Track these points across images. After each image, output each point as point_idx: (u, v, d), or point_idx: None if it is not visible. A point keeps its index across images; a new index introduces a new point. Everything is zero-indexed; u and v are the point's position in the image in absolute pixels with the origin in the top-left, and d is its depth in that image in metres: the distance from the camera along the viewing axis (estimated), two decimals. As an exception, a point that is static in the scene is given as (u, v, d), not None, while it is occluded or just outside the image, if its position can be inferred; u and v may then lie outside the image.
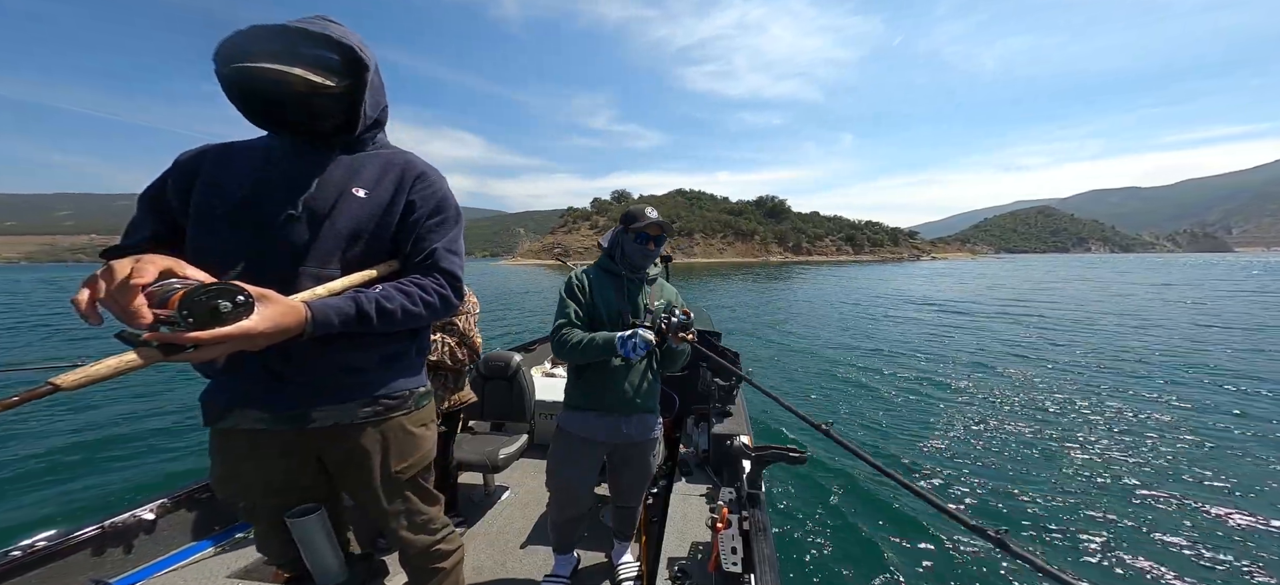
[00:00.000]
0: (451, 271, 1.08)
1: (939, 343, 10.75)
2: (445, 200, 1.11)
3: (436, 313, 1.05)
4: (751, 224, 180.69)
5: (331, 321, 0.89)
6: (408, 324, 1.01)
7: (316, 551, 1.12)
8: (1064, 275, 41.13)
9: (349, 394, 1.04)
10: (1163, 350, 9.68)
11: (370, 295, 0.95)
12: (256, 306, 0.77)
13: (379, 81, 1.05)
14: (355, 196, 1.01)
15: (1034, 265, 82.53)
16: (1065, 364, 8.57)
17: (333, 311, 0.90)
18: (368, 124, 1.05)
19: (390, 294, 0.98)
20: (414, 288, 1.01)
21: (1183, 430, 5.30)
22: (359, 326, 0.94)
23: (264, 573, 1.70)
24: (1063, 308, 17.26)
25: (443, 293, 1.05)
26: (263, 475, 1.09)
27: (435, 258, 1.06)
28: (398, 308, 0.98)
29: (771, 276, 37.87)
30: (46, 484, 4.10)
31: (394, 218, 1.05)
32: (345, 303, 0.92)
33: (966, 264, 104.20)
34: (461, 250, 1.13)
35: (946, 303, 19.43)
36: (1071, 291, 24.30)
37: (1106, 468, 4.40)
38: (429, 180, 1.10)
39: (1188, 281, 30.79)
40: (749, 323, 14.61)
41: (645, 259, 1.69)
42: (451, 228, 1.11)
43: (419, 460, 1.16)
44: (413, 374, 1.16)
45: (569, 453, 1.69)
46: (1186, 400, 6.39)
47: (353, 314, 0.92)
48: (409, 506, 1.17)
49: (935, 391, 6.93)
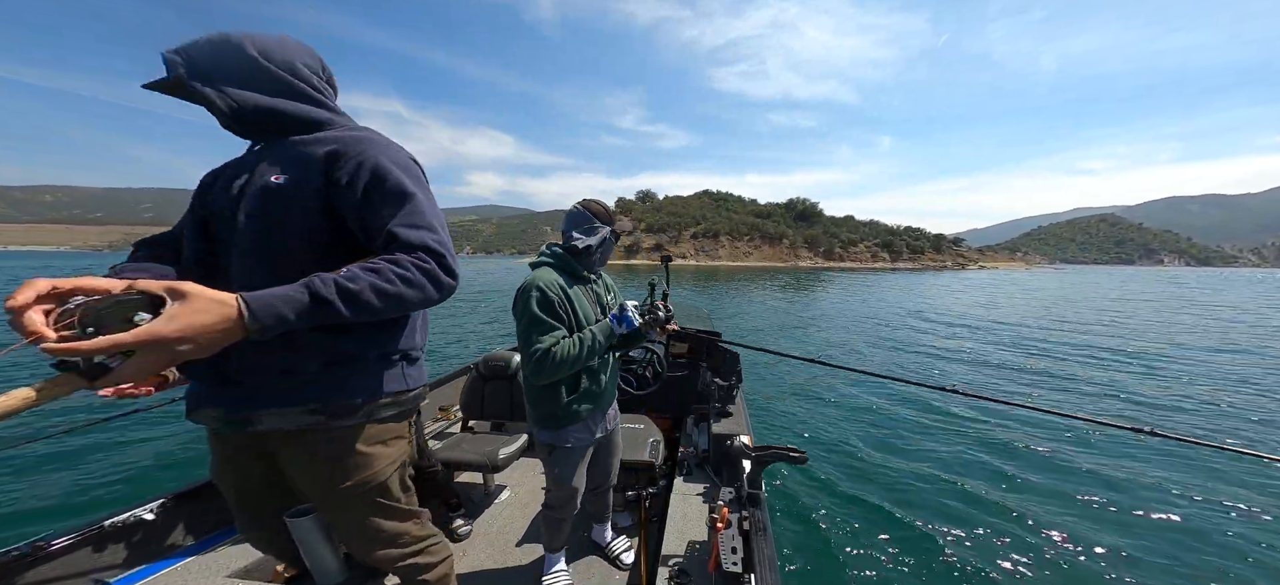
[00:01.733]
0: (423, 245, 0.92)
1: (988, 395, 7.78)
2: (380, 170, 0.96)
3: (425, 292, 0.91)
4: (780, 227, 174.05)
5: (279, 313, 0.78)
6: (391, 308, 0.88)
7: (315, 551, 1.09)
8: (1143, 290, 35.71)
9: (287, 399, 0.97)
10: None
11: (326, 278, 0.83)
12: (165, 308, 0.68)
13: (268, 67, 0.96)
14: (270, 185, 0.94)
15: (1100, 278, 75.26)
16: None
17: (279, 301, 0.78)
18: (261, 110, 0.96)
19: (354, 274, 0.85)
20: (385, 264, 0.88)
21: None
22: (318, 315, 0.82)
23: (264, 573, 1.70)
24: (1167, 335, 13.01)
25: (424, 267, 0.90)
26: (230, 474, 1.08)
27: (395, 238, 0.92)
28: (365, 287, 0.84)
29: (796, 285, 34.81)
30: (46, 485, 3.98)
31: (314, 201, 0.94)
32: (295, 290, 0.80)
33: (1019, 274, 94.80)
34: (431, 221, 0.96)
35: (997, 323, 15.31)
36: (1170, 313, 19.31)
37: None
38: (346, 155, 0.96)
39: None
40: (758, 335, 12.78)
41: (609, 252, 1.68)
42: (405, 200, 0.96)
43: (370, 478, 1.06)
44: (368, 380, 1.04)
45: (572, 465, 1.67)
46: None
47: (306, 302, 0.80)
48: (366, 526, 1.09)
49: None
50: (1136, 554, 3.14)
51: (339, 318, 0.83)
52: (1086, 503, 3.73)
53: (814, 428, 5.36)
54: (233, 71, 0.94)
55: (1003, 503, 3.70)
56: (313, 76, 1.04)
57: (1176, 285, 45.76)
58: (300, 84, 1.01)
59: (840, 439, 4.99)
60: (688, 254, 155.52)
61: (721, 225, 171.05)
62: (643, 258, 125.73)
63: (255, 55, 0.95)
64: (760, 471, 1.89)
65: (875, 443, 4.90)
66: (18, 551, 1.43)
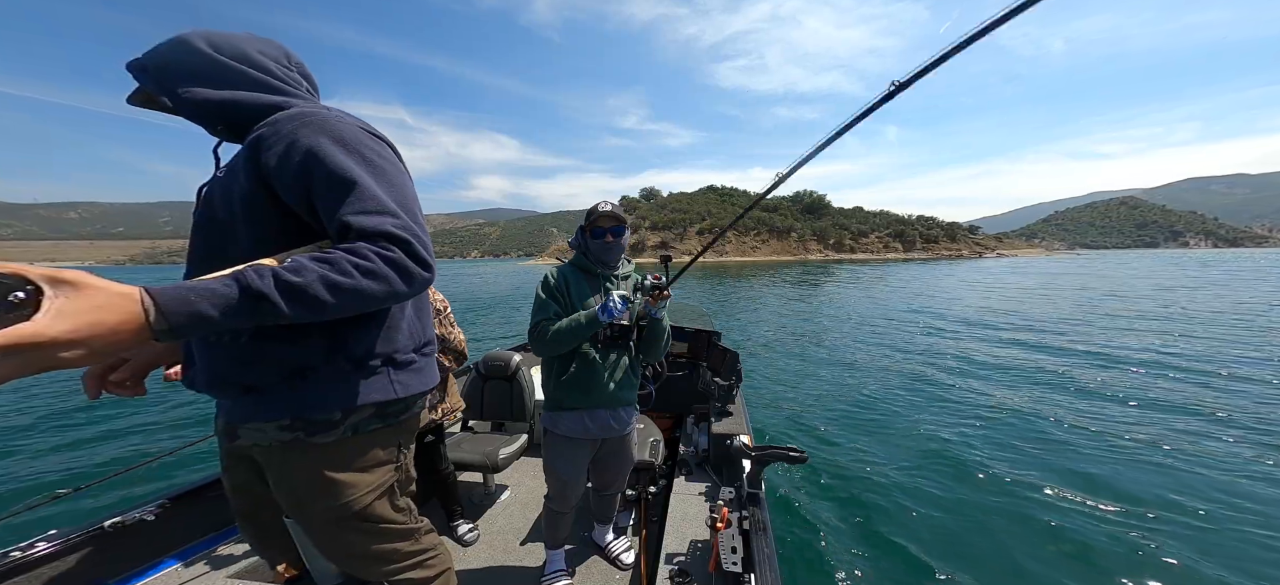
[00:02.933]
0: (382, 231, 0.78)
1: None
2: (314, 155, 0.81)
3: (391, 284, 0.76)
4: (788, 221, 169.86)
5: (197, 310, 0.62)
6: (351, 305, 0.74)
7: (315, 553, 1.08)
8: (1191, 276, 31.51)
9: (259, 414, 0.89)
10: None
11: (263, 269, 0.68)
12: (46, 302, 0.52)
13: (219, 59, 0.88)
14: (216, 178, 0.90)
15: (1134, 262, 67.53)
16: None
17: (197, 296, 0.62)
18: (212, 103, 0.87)
19: (299, 265, 0.70)
20: (340, 254, 0.73)
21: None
22: (254, 313, 0.66)
23: (264, 573, 1.69)
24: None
25: (388, 256, 0.76)
26: (230, 477, 1.08)
27: (349, 228, 0.78)
28: (313, 280, 0.69)
29: (806, 281, 32.80)
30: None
31: (247, 191, 0.83)
32: (220, 283, 0.65)
33: (1041, 261, 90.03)
34: (388, 205, 0.81)
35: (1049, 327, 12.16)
36: (1238, 301, 15.78)
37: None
38: (273, 137, 0.82)
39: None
40: (753, 342, 11.04)
41: (608, 253, 1.67)
42: (350, 185, 0.80)
43: (348, 504, 0.95)
44: (344, 390, 0.91)
45: (561, 453, 1.69)
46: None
47: (234, 297, 0.64)
48: (348, 547, 1.01)
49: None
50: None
51: (281, 316, 0.68)
52: (1090, 507, 3.55)
53: (814, 427, 5.25)
54: (186, 70, 0.87)
55: (1005, 503, 3.62)
56: (272, 64, 0.94)
57: (1216, 268, 41.44)
58: (255, 73, 0.91)
59: (841, 438, 4.88)
60: (694, 251, 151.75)
61: (727, 220, 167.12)
62: (648, 256, 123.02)
63: (205, 49, 0.88)
64: (760, 471, 1.89)
65: (876, 442, 4.83)
66: (18, 551, 1.42)
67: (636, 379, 1.75)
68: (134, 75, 0.87)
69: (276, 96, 0.92)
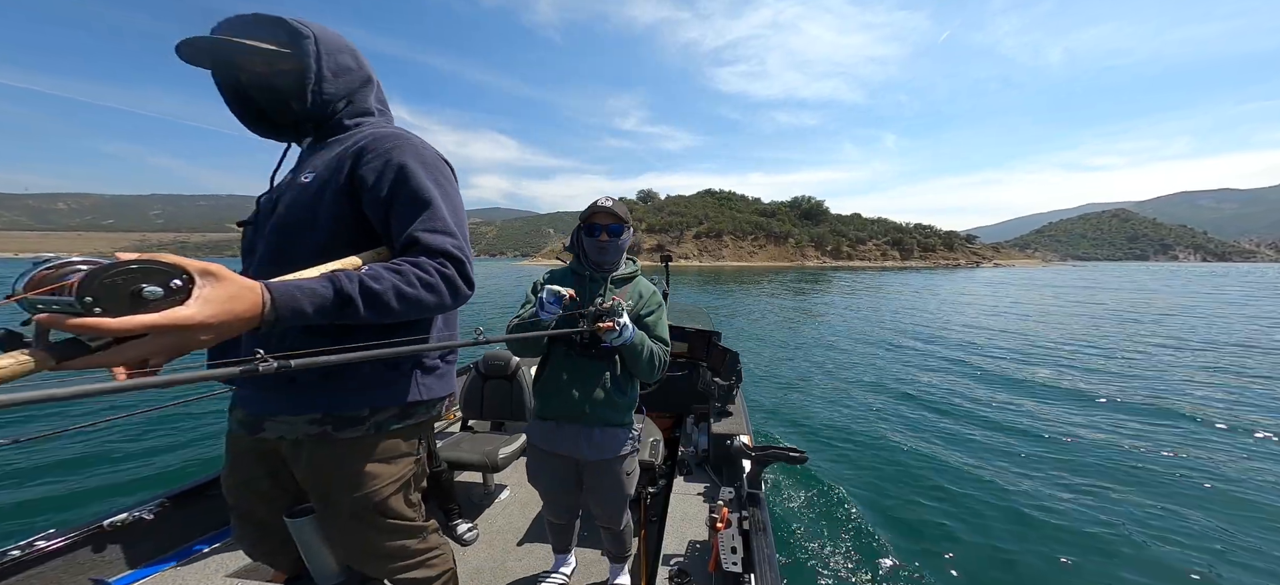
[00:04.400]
0: (443, 250, 0.89)
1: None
2: (404, 172, 0.93)
3: (442, 298, 0.88)
4: (785, 226, 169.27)
5: (301, 307, 0.72)
6: (408, 312, 0.85)
7: (314, 552, 1.09)
8: (1180, 287, 32.29)
9: (292, 407, 0.94)
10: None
11: (352, 275, 0.79)
12: (196, 290, 0.58)
13: (349, 63, 0.98)
14: (299, 184, 0.93)
15: (1131, 274, 70.38)
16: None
17: (302, 294, 0.73)
18: (336, 106, 0.97)
19: (378, 273, 0.81)
20: (408, 267, 0.85)
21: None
22: (340, 313, 0.77)
23: (264, 573, 1.67)
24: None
25: (444, 273, 0.88)
26: (235, 476, 1.06)
27: (416, 243, 0.89)
28: (389, 289, 0.81)
29: (805, 288, 32.50)
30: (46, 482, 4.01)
31: (336, 201, 0.92)
32: (319, 284, 0.75)
33: (1038, 271, 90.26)
34: (452, 227, 0.93)
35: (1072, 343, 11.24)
36: (1242, 317, 15.49)
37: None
38: (373, 152, 0.93)
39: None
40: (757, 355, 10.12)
41: (603, 253, 1.52)
42: (426, 204, 0.92)
43: (370, 495, 1.01)
44: (375, 389, 0.99)
45: (537, 463, 1.63)
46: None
47: (329, 297, 0.75)
48: (363, 541, 1.05)
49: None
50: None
51: (357, 317, 0.79)
52: (1090, 507, 3.60)
53: (814, 428, 5.26)
54: (337, 51, 0.95)
55: (1004, 503, 3.65)
56: (361, 72, 1.02)
57: (1209, 282, 42.08)
58: (362, 73, 1.01)
59: (841, 439, 4.90)
60: (691, 254, 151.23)
61: (725, 224, 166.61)
62: (644, 259, 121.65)
63: (341, 38, 0.95)
64: (760, 471, 1.89)
65: (876, 442, 4.84)
66: (17, 551, 1.42)
67: (623, 399, 1.53)
68: (291, 38, 0.90)
69: (372, 101, 1.02)
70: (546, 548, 2.00)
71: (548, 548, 1.95)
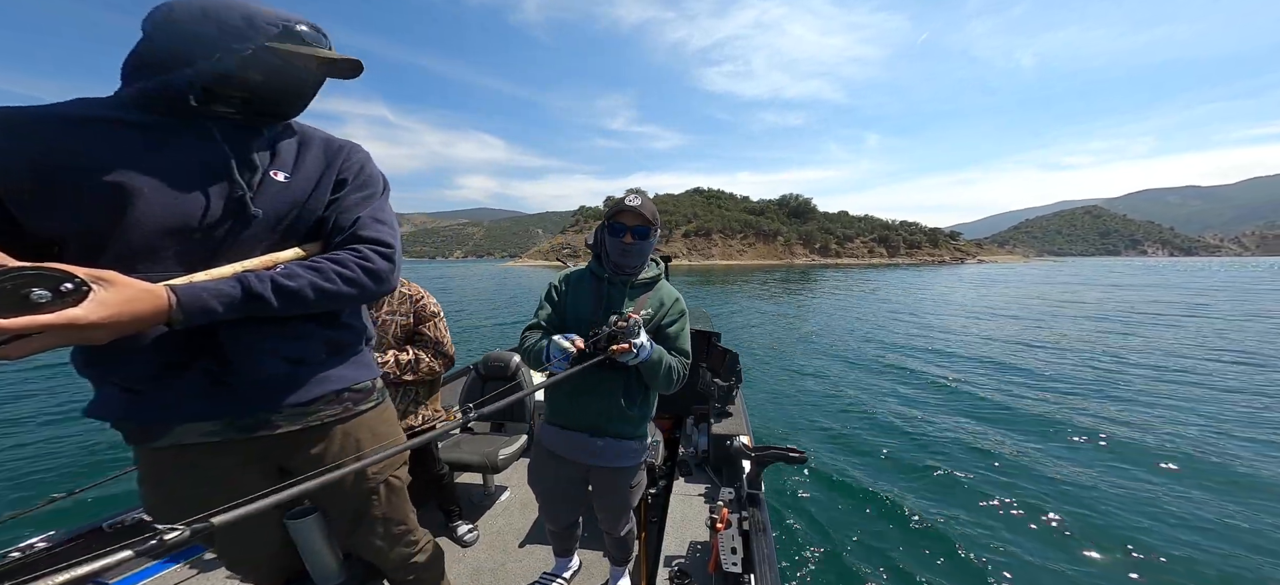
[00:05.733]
0: (378, 238, 0.94)
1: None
2: (372, 172, 1.01)
3: (364, 288, 0.90)
4: (774, 224, 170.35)
5: (208, 306, 0.74)
6: (324, 304, 0.87)
7: (314, 553, 1.10)
8: (1155, 281, 32.61)
9: (308, 391, 0.93)
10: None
11: (262, 275, 0.81)
12: (93, 292, 0.62)
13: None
14: (276, 181, 0.89)
15: (1106, 270, 72.25)
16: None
17: (208, 295, 0.74)
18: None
19: (292, 271, 0.83)
20: (327, 263, 0.87)
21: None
22: (246, 309, 0.79)
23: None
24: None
25: (365, 264, 0.90)
26: (218, 495, 0.92)
27: (359, 226, 0.94)
28: (305, 286, 0.83)
29: (797, 288, 31.72)
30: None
31: (321, 200, 0.93)
32: (227, 284, 0.77)
33: (1021, 267, 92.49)
34: (390, 219, 1.02)
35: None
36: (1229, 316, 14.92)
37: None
38: (355, 153, 1.00)
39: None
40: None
41: (625, 257, 1.41)
42: (377, 198, 1.00)
43: (391, 462, 1.07)
44: (369, 365, 1.06)
45: (541, 466, 1.59)
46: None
47: (237, 296, 0.77)
48: (385, 514, 1.08)
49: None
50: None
51: (270, 311, 0.81)
52: (1090, 508, 3.60)
53: (814, 428, 5.27)
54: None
55: (1003, 502, 3.65)
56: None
57: (1182, 275, 43.13)
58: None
59: (840, 439, 4.92)
60: (680, 253, 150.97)
61: (714, 223, 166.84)
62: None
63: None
64: (760, 472, 1.89)
65: (875, 443, 4.82)
66: (17, 552, 1.41)
67: (636, 412, 1.47)
68: (312, 33, 0.86)
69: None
70: (547, 550, 1.98)
71: (549, 550, 1.93)
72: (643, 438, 1.55)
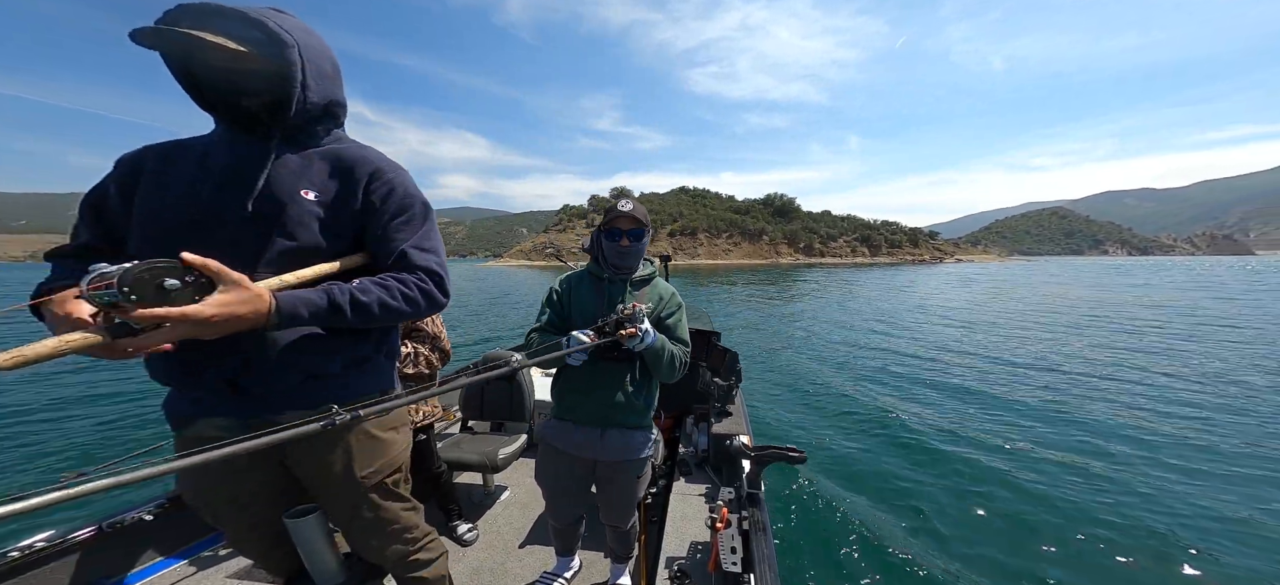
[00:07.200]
0: (429, 268, 1.00)
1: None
2: (408, 195, 1.04)
3: (419, 309, 0.98)
4: (759, 223, 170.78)
5: (299, 314, 0.83)
6: (385, 320, 0.94)
7: (315, 552, 1.09)
8: (1125, 281, 33.40)
9: (310, 402, 0.94)
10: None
11: (344, 287, 0.89)
12: (220, 291, 0.71)
13: (328, 71, 0.97)
14: (303, 200, 0.93)
15: (1071, 269, 74.70)
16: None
17: (301, 303, 0.83)
18: (312, 114, 0.95)
19: (366, 287, 0.91)
20: (393, 282, 0.95)
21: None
22: (330, 320, 0.87)
23: (264, 573, 1.73)
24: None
25: (424, 288, 0.98)
26: (230, 487, 1.03)
27: (407, 258, 0.99)
28: (375, 301, 0.90)
29: (775, 286, 31.65)
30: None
31: (346, 220, 0.97)
32: (316, 294, 0.85)
33: (995, 266, 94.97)
34: (437, 246, 1.05)
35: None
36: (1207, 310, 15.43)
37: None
38: (386, 177, 1.02)
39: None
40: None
41: (623, 257, 1.50)
42: (420, 224, 1.04)
43: (387, 464, 1.09)
44: (380, 376, 1.10)
45: (548, 462, 1.61)
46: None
47: (324, 306, 0.86)
48: (379, 515, 1.10)
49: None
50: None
51: (344, 323, 0.89)
52: (1089, 507, 3.58)
53: (813, 427, 5.29)
54: (318, 58, 0.94)
55: (1003, 502, 3.65)
56: (338, 80, 1.04)
57: (1150, 273, 45.06)
58: (339, 77, 1.02)
59: (840, 438, 4.92)
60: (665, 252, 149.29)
61: (699, 222, 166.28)
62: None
63: (323, 44, 0.97)
64: (760, 471, 1.89)
65: (874, 442, 4.84)
66: (17, 552, 1.41)
67: (642, 402, 1.52)
68: (268, 44, 0.85)
69: (341, 112, 1.04)
70: (548, 549, 1.97)
71: (549, 549, 1.93)
72: (648, 429, 1.58)
